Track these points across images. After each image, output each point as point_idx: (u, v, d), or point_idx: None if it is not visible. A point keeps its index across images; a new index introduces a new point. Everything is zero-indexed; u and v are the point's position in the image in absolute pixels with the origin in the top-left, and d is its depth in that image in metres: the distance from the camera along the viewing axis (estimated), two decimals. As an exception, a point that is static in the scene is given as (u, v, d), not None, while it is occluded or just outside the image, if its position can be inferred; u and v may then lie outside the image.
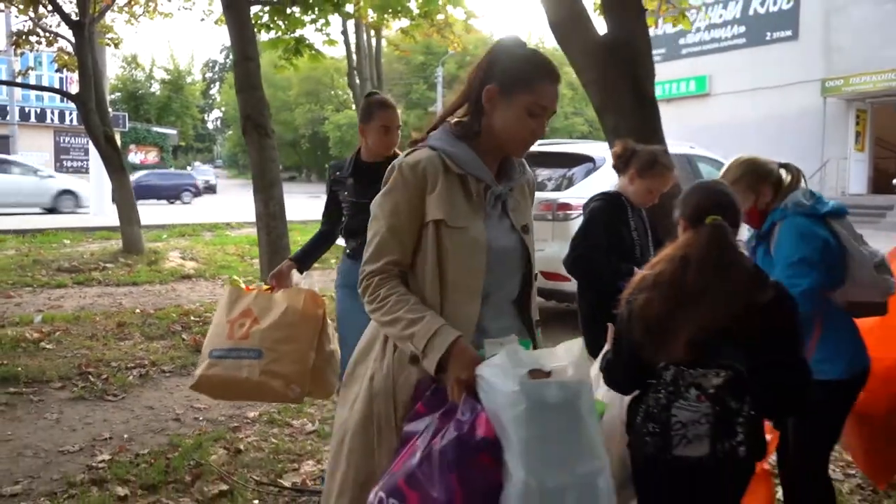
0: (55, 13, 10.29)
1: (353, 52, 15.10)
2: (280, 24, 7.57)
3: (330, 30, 8.19)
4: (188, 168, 40.19)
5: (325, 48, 8.72)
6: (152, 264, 9.54)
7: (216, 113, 57.72)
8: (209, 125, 56.56)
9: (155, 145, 35.72)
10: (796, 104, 20.67)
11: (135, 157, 33.81)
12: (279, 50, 7.78)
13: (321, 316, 2.77)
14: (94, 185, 16.39)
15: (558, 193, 6.23)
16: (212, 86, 56.78)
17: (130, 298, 7.53)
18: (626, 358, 1.80)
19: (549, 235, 5.81)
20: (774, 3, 21.65)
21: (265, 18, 7.61)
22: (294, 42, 7.66)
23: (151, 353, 5.21)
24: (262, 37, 7.90)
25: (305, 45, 7.72)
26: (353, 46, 15.01)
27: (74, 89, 11.49)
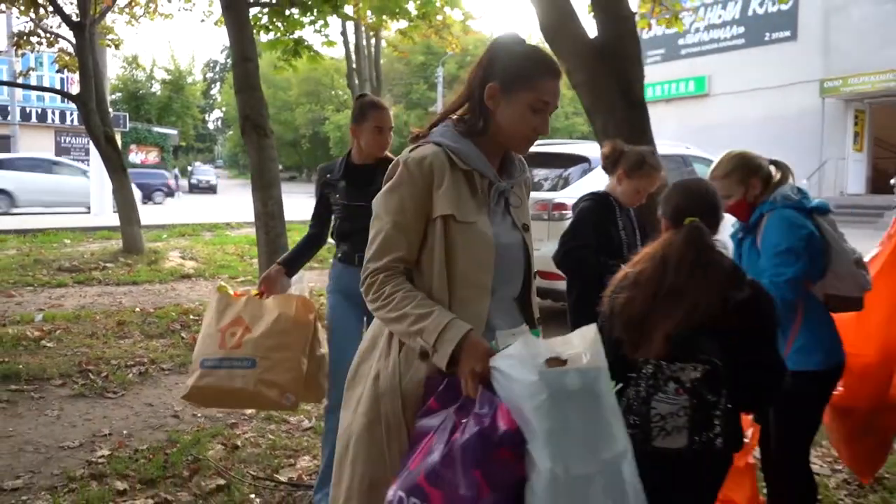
0: (56, 14, 10.35)
1: (353, 53, 15.15)
2: (279, 25, 7.61)
3: (329, 31, 8.24)
4: (188, 167, 40.24)
5: (325, 49, 8.72)
6: (152, 264, 9.59)
7: (217, 113, 57.82)
8: (210, 125, 56.64)
9: (155, 145, 35.74)
10: (795, 104, 20.71)
11: (135, 157, 33.84)
12: (278, 51, 7.82)
13: (313, 321, 2.75)
14: (95, 185, 16.47)
15: (554, 193, 6.30)
16: (212, 86, 56.85)
17: (130, 297, 7.58)
18: (608, 353, 1.86)
19: (545, 235, 5.87)
20: (773, 3, 21.68)
21: (264, 20, 7.64)
22: (293, 43, 7.70)
23: (151, 352, 5.27)
24: (262, 38, 7.95)
25: (304, 46, 7.76)
26: (352, 47, 15.06)
27: (75, 90, 11.54)
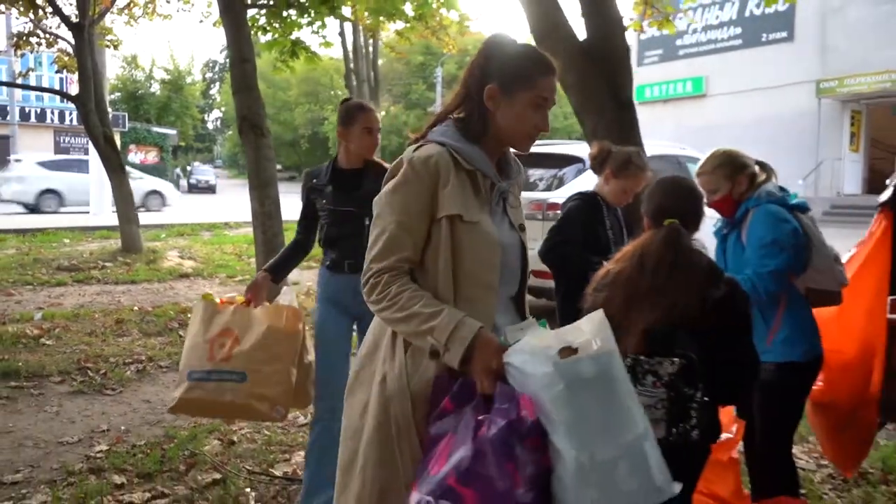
0: (55, 15, 10.39)
1: (350, 54, 15.19)
2: (276, 26, 7.66)
3: (326, 32, 8.30)
4: (188, 168, 40.27)
5: (323, 50, 8.77)
6: (151, 263, 9.64)
7: (216, 113, 57.78)
8: (209, 125, 56.60)
9: (155, 145, 35.74)
10: (792, 105, 20.79)
11: (134, 157, 33.85)
12: (276, 52, 7.87)
13: (302, 330, 2.73)
14: (94, 185, 16.53)
15: (548, 193, 6.35)
16: (212, 86, 56.84)
17: (129, 296, 7.64)
18: None
19: (540, 235, 5.88)
20: (777, 2, 21.76)
21: (262, 21, 7.70)
22: (290, 44, 7.75)
23: (149, 350, 5.33)
24: (260, 39, 8.00)
25: (302, 47, 7.81)
26: (350, 48, 15.11)
27: (74, 90, 11.58)
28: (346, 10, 8.22)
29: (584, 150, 6.87)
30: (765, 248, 2.38)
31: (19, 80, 17.18)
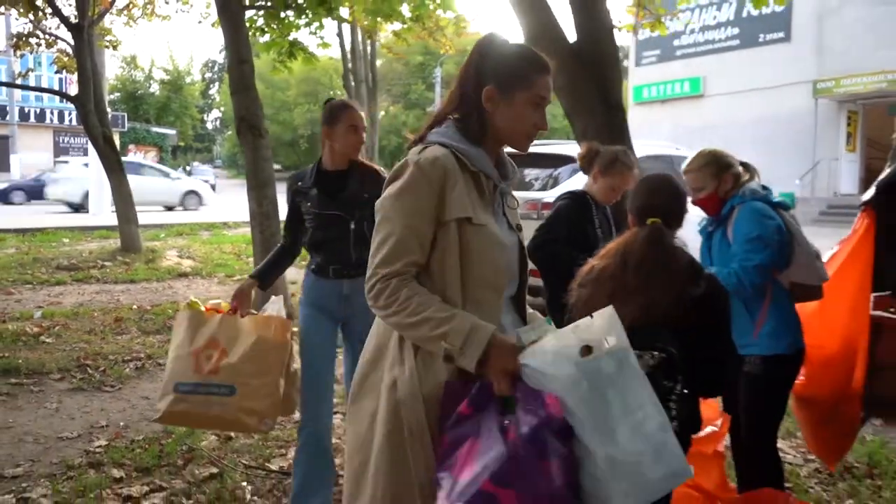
0: (55, 16, 10.44)
1: (348, 54, 15.24)
2: (274, 27, 7.71)
3: (324, 33, 8.35)
4: (187, 168, 40.30)
5: (320, 50, 8.83)
6: (150, 262, 9.70)
7: (215, 113, 57.76)
8: (208, 125, 56.60)
9: (154, 145, 35.83)
10: (789, 105, 20.86)
11: (134, 157, 33.93)
12: (273, 52, 7.93)
13: (289, 341, 2.69)
14: (93, 184, 16.60)
15: (543, 193, 6.41)
16: (211, 86, 56.84)
17: (128, 295, 7.69)
18: None
19: (535, 234, 5.99)
20: (767, 5, 21.81)
21: (260, 22, 7.76)
22: (288, 45, 7.81)
23: (147, 347, 5.38)
24: (259, 39, 8.05)
25: (299, 48, 7.87)
26: (347, 49, 15.16)
27: (73, 90, 11.62)
28: (344, 12, 8.27)
29: (578, 150, 6.95)
30: (750, 244, 2.46)
31: (19, 81, 17.23)
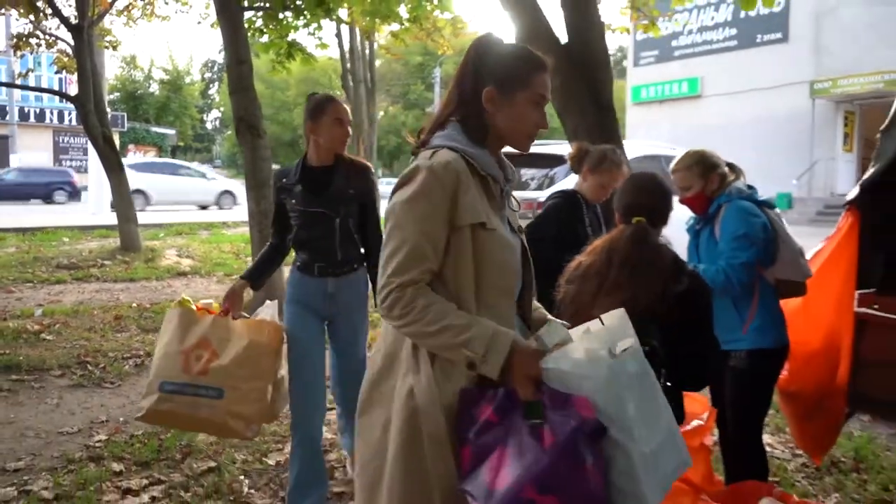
0: (55, 16, 10.49)
1: (347, 55, 15.29)
2: (273, 28, 7.77)
3: (322, 34, 8.40)
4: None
5: (319, 51, 8.89)
6: (149, 261, 9.75)
7: (215, 113, 57.74)
8: (208, 125, 56.57)
9: (154, 145, 35.88)
10: (786, 105, 20.91)
11: (133, 156, 33.99)
12: (272, 53, 7.98)
13: (281, 347, 2.65)
14: (93, 184, 16.67)
15: (539, 192, 6.48)
16: (210, 86, 56.83)
17: (127, 294, 7.75)
18: None
19: (530, 234, 6.06)
20: (755, 6, 21.89)
21: (258, 23, 7.81)
22: (287, 46, 7.86)
23: (147, 345, 5.42)
24: (258, 40, 8.11)
25: (297, 48, 7.93)
26: (346, 50, 15.20)
27: (73, 90, 11.68)
28: (342, 13, 8.32)
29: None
30: (737, 241, 2.53)
31: (19, 81, 17.29)
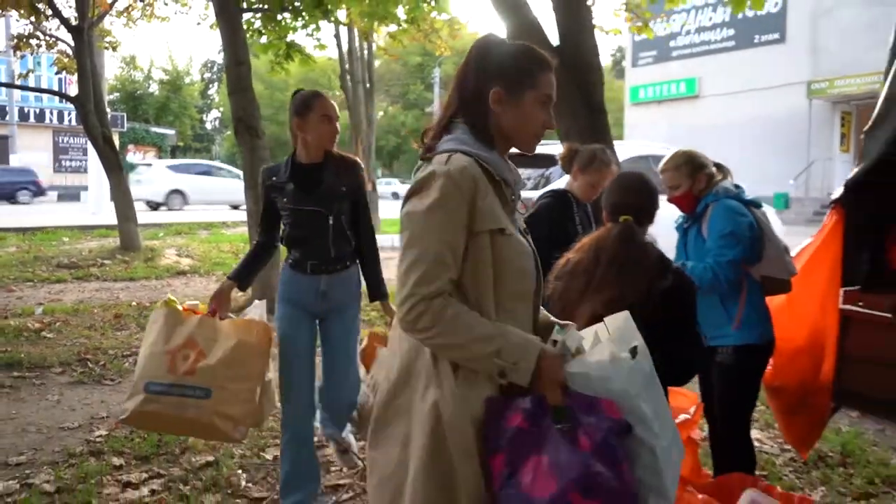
0: (55, 17, 10.55)
1: (345, 55, 15.33)
2: (271, 29, 7.83)
3: (321, 35, 8.47)
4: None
5: (318, 52, 8.93)
6: (149, 261, 9.81)
7: (214, 113, 57.68)
8: (207, 125, 56.50)
9: (153, 145, 35.89)
10: (783, 106, 21.00)
11: (133, 157, 34.01)
12: (270, 54, 8.05)
13: (270, 348, 2.61)
14: (93, 184, 16.75)
15: (535, 192, 6.55)
16: (210, 86, 56.79)
17: (127, 293, 7.82)
18: None
19: (526, 233, 6.13)
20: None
21: (257, 24, 7.88)
22: (285, 47, 7.93)
23: (146, 343, 5.50)
24: (258, 41, 8.17)
25: (296, 49, 8.00)
26: (345, 50, 15.23)
27: (73, 90, 11.73)
28: (341, 14, 8.38)
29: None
30: (723, 240, 2.60)
31: (19, 81, 17.34)
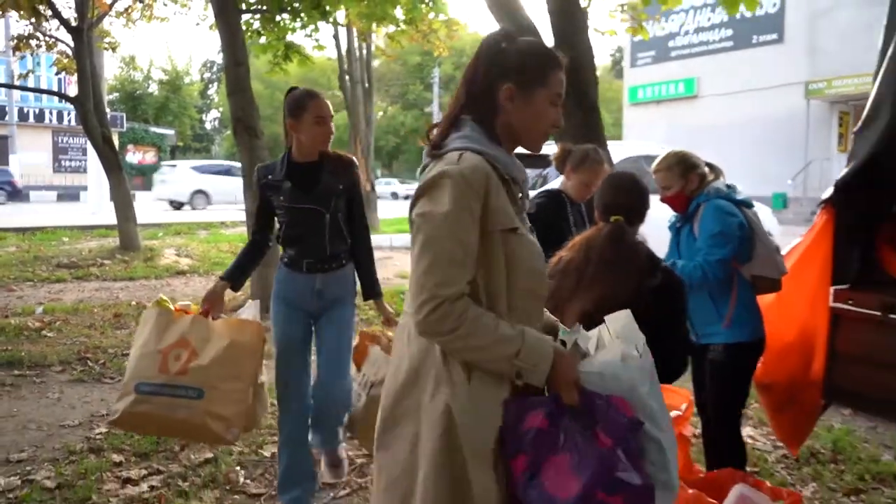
0: (55, 18, 10.58)
1: (344, 56, 15.37)
2: (270, 30, 7.88)
3: (319, 35, 8.51)
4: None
5: (318, 52, 8.98)
6: (148, 261, 9.83)
7: (214, 113, 57.70)
8: (207, 125, 56.55)
9: (153, 145, 35.91)
10: (781, 106, 21.04)
11: (132, 157, 34.05)
12: (269, 54, 8.10)
13: (263, 348, 2.59)
14: (93, 184, 16.80)
15: (533, 192, 6.60)
16: (209, 86, 56.81)
17: (127, 292, 7.84)
18: None
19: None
20: (760, 6, 22.02)
21: (256, 25, 7.93)
22: (284, 47, 7.98)
23: (146, 342, 5.53)
24: (258, 41, 8.22)
25: (295, 50, 8.05)
26: (343, 51, 15.28)
27: (73, 90, 11.77)
28: (339, 15, 8.43)
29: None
30: (713, 239, 2.65)
31: (18, 82, 17.39)
